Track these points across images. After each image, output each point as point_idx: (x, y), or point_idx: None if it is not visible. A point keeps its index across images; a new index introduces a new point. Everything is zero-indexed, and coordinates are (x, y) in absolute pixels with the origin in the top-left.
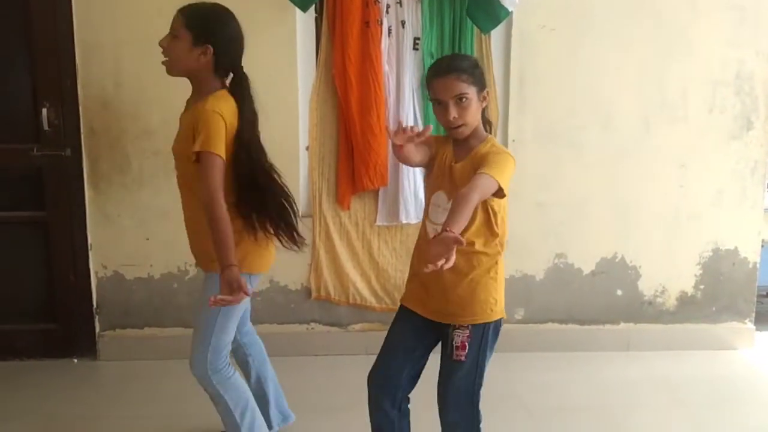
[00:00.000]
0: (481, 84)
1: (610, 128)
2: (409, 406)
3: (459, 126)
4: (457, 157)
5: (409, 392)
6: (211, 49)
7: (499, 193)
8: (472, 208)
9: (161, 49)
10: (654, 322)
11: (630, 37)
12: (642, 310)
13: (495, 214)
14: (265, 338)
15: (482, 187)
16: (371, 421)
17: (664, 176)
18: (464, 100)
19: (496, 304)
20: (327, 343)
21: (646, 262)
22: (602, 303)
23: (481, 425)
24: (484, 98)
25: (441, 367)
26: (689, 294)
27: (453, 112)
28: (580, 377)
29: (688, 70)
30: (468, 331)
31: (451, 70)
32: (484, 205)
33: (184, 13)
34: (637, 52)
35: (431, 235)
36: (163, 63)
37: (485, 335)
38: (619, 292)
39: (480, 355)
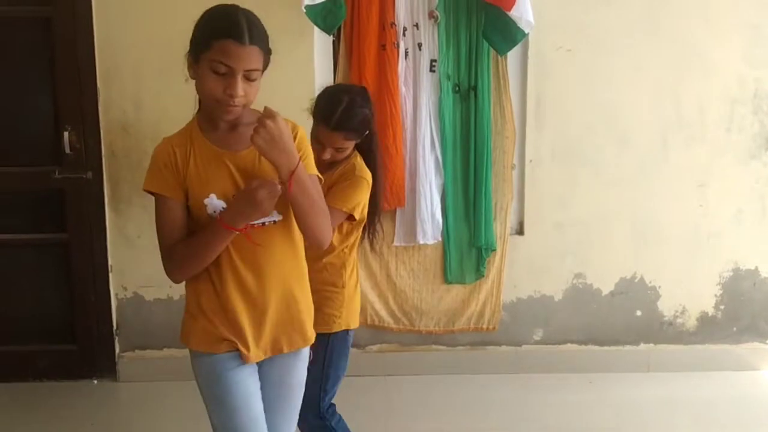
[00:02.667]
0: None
1: (628, 147)
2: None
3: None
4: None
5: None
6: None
7: None
8: None
9: (239, 94)
10: (674, 343)
11: (646, 56)
12: (662, 331)
13: None
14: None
15: None
16: None
17: (682, 195)
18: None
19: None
20: None
21: (666, 282)
22: (621, 323)
23: None
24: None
25: None
26: (710, 314)
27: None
28: (599, 399)
29: (706, 88)
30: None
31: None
32: None
33: (254, 39)
34: (653, 70)
35: None
36: (231, 109)
37: (332, 343)
38: (639, 313)
39: (327, 362)
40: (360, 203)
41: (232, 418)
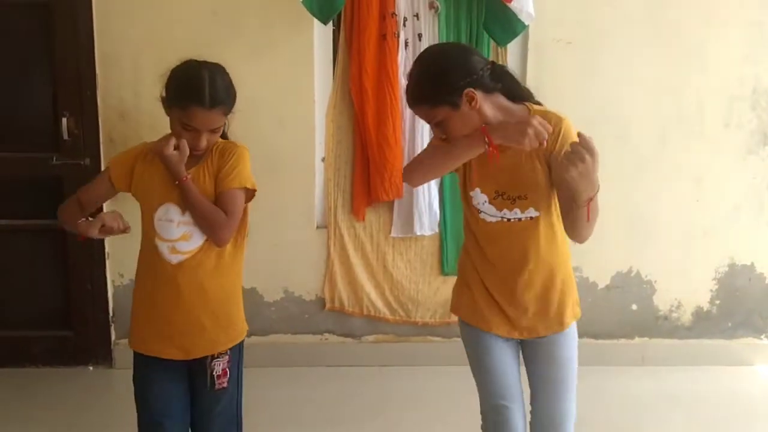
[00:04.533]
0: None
1: (626, 142)
2: None
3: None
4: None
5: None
6: (473, 92)
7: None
8: None
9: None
10: (669, 338)
11: (646, 51)
12: (657, 325)
13: None
14: (279, 348)
15: None
16: None
17: (680, 190)
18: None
19: (244, 320)
20: (340, 354)
21: (662, 277)
22: (617, 317)
23: None
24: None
25: (198, 403)
26: (705, 309)
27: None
28: (593, 392)
29: (705, 84)
30: (228, 356)
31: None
32: None
33: (418, 98)
34: (653, 65)
35: (166, 256)
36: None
37: (241, 353)
38: (634, 307)
39: (240, 374)
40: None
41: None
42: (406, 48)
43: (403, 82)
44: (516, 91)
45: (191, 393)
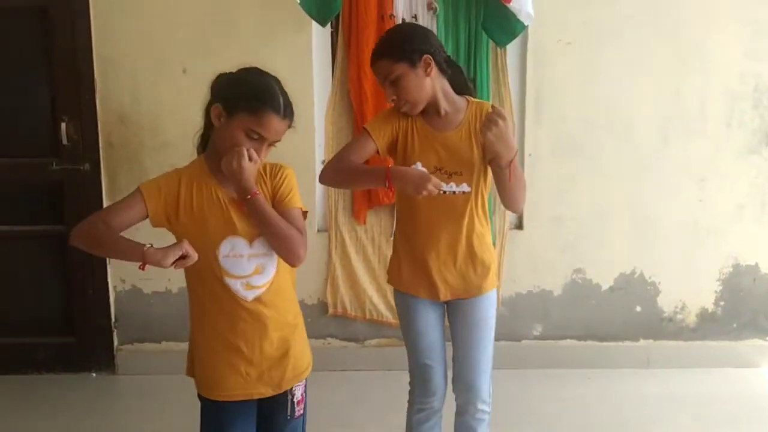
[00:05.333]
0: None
1: (628, 141)
2: None
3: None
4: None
5: None
6: (431, 59)
7: None
8: None
9: (392, 100)
10: (674, 339)
11: (647, 50)
12: (661, 327)
13: None
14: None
15: None
16: None
17: (683, 190)
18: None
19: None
20: (343, 358)
21: (666, 278)
22: (621, 319)
23: None
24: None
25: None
26: (709, 310)
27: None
28: (598, 394)
29: (706, 83)
30: (305, 381)
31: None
32: None
33: (384, 54)
34: (654, 64)
35: (241, 294)
36: (403, 110)
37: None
38: (638, 309)
39: (306, 398)
40: None
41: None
42: None
43: None
44: (462, 84)
45: (267, 427)
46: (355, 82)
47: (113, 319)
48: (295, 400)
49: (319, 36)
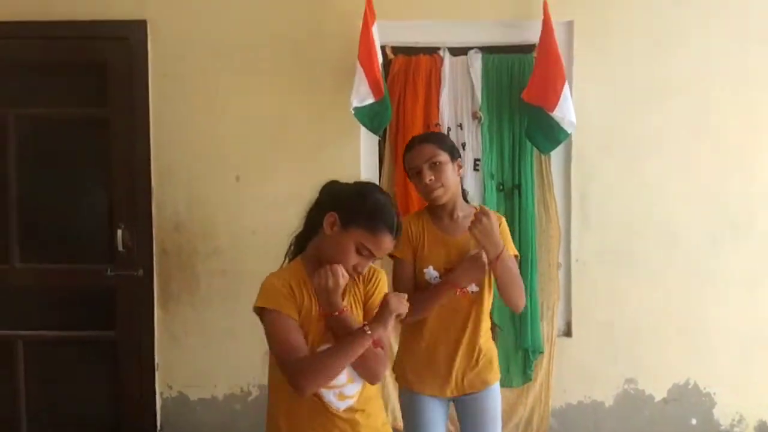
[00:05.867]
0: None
1: (676, 247)
2: None
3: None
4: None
5: None
6: (460, 164)
7: None
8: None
9: (430, 182)
10: None
11: (690, 156)
12: None
13: None
14: None
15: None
16: None
17: (733, 297)
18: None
19: None
20: None
21: (721, 389)
22: None
23: None
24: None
25: None
26: None
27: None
28: None
29: (752, 188)
30: None
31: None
32: None
33: (430, 139)
34: (698, 170)
35: (334, 405)
36: (436, 194)
37: None
38: (694, 421)
39: None
40: None
41: None
42: None
43: None
44: (465, 195)
45: None
46: (402, 188)
47: (159, 425)
48: None
49: (367, 143)
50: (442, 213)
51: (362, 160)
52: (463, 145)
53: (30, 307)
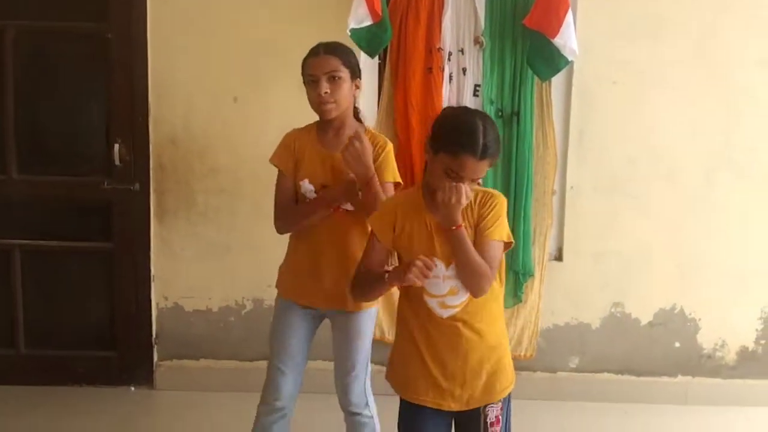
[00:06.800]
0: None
1: (672, 181)
2: None
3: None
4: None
5: None
6: (360, 83)
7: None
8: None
9: (324, 95)
10: (713, 377)
11: (694, 91)
12: (700, 364)
13: None
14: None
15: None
16: None
17: (726, 230)
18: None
19: (511, 363)
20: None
21: (706, 315)
22: (659, 355)
23: None
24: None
25: None
26: (750, 349)
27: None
28: (634, 430)
29: (753, 126)
30: (501, 403)
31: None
32: None
33: (336, 52)
34: (701, 105)
35: (437, 311)
36: (327, 108)
37: (510, 401)
38: (677, 345)
39: (508, 422)
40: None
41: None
42: (450, 82)
43: None
44: None
45: None
46: (402, 112)
47: (154, 335)
48: (488, 420)
49: (367, 67)
50: (328, 128)
51: (361, 85)
52: (464, 70)
53: (27, 218)
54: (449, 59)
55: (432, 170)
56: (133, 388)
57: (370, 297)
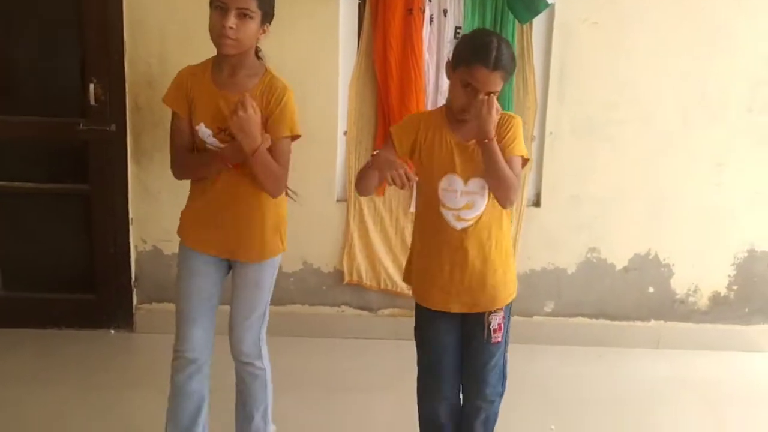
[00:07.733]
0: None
1: (648, 124)
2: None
3: (229, 38)
4: (462, 136)
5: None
6: (269, 28)
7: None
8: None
9: (228, 29)
10: (685, 321)
11: (672, 33)
12: (673, 309)
13: None
14: (297, 319)
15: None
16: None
17: (700, 174)
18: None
19: (515, 279)
20: (357, 326)
21: (680, 260)
22: (633, 299)
23: None
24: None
25: (473, 353)
26: (722, 294)
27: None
28: (607, 373)
29: (730, 67)
30: (503, 313)
31: (493, 67)
32: None
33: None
34: (679, 47)
35: (453, 224)
36: (226, 43)
37: (510, 310)
38: (651, 289)
39: (508, 330)
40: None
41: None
42: (431, 23)
43: (427, 56)
44: None
45: (466, 347)
46: (381, 54)
47: (133, 278)
48: (491, 327)
49: (346, 7)
50: (224, 65)
51: (340, 23)
52: (445, 12)
53: (2, 160)
54: (430, 0)
55: (451, 87)
56: (112, 331)
57: (366, 184)
